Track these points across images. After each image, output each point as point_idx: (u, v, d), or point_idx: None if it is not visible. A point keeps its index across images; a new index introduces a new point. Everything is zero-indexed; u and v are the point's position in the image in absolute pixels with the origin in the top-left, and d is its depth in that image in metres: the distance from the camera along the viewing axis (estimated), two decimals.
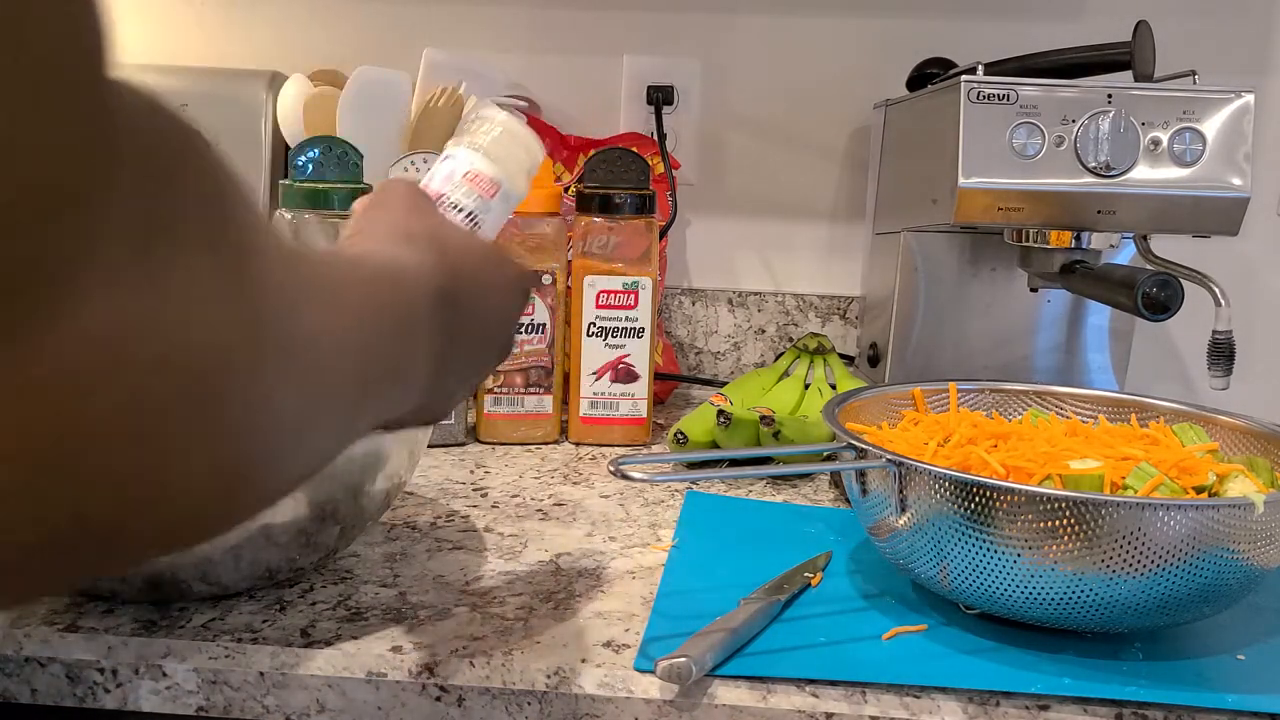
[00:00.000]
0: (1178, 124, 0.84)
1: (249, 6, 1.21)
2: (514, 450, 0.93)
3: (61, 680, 0.56)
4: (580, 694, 0.54)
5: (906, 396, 0.76)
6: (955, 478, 0.56)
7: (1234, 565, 0.55)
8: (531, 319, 0.93)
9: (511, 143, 0.58)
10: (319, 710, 0.55)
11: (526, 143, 0.59)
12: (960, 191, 0.83)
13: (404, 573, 0.66)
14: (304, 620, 0.59)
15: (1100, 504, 0.53)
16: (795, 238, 1.22)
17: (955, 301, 0.98)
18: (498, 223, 0.59)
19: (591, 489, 0.84)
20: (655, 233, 0.94)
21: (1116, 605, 0.55)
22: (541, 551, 0.70)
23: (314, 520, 0.59)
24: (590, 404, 0.94)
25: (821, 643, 0.58)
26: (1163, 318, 0.79)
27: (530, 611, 0.61)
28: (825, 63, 1.18)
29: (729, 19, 1.18)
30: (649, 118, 1.17)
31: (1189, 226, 0.86)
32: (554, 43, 1.20)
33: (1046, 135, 0.84)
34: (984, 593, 0.57)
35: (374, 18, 1.20)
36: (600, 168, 0.94)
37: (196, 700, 0.56)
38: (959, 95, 0.83)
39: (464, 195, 0.57)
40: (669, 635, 0.57)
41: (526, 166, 0.59)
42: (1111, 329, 1.00)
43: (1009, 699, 0.54)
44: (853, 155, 1.20)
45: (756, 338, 1.22)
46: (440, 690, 0.55)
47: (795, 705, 0.53)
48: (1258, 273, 1.17)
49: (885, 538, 0.62)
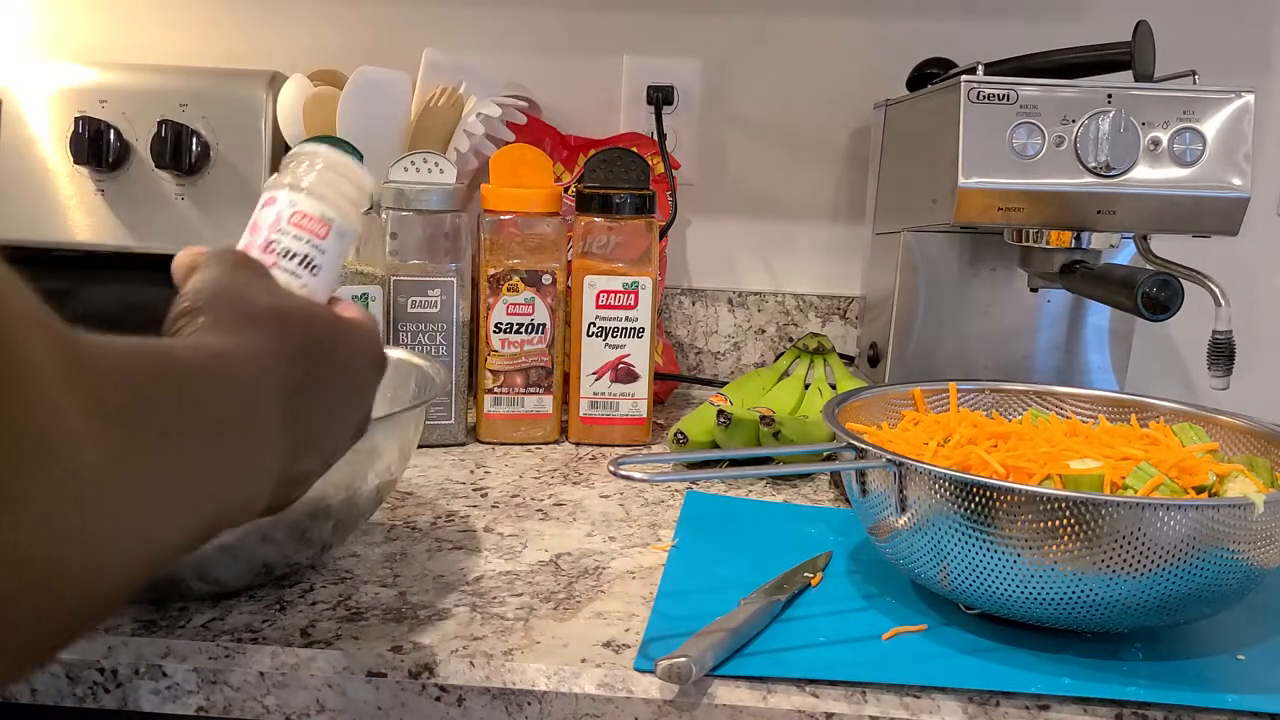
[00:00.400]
0: (1178, 124, 0.84)
1: (249, 6, 1.21)
2: (514, 450, 0.93)
3: (61, 680, 0.56)
4: (580, 694, 0.54)
5: (906, 396, 0.76)
6: (955, 478, 0.56)
7: (1234, 565, 0.55)
8: (531, 319, 0.93)
9: (335, 177, 0.54)
10: (319, 710, 0.55)
11: (351, 174, 0.54)
12: (960, 191, 0.83)
13: (404, 573, 0.66)
14: (304, 620, 0.59)
15: (1100, 504, 0.53)
16: (795, 238, 1.22)
17: (955, 301, 0.98)
18: (336, 264, 0.54)
19: (591, 489, 0.84)
20: (655, 233, 0.94)
21: (1116, 605, 0.55)
22: (541, 551, 0.70)
23: (307, 516, 0.59)
24: (590, 404, 0.94)
25: (821, 643, 0.58)
26: (1163, 318, 0.79)
27: (530, 611, 0.61)
28: (825, 63, 1.18)
29: (729, 19, 1.18)
30: (649, 118, 1.17)
31: (1189, 226, 0.86)
32: (554, 43, 1.20)
33: (1046, 135, 0.84)
34: (984, 593, 0.57)
35: (374, 18, 1.20)
36: (600, 168, 0.94)
37: (196, 700, 0.56)
38: (959, 95, 0.83)
39: (294, 240, 0.52)
40: (669, 635, 0.57)
41: (355, 199, 0.54)
42: (1111, 329, 1.00)
43: (1009, 699, 0.54)
44: (853, 155, 1.20)
45: (756, 338, 1.22)
46: (440, 690, 0.55)
47: (795, 705, 0.53)
48: (1258, 273, 1.17)
49: (885, 538, 0.62)
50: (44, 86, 1.04)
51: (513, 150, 0.94)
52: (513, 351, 0.93)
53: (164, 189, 1.03)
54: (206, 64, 1.21)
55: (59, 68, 1.06)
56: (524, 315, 0.92)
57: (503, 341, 0.92)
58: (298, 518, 0.58)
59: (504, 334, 0.92)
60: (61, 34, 1.22)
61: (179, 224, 1.03)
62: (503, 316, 0.92)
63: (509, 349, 0.93)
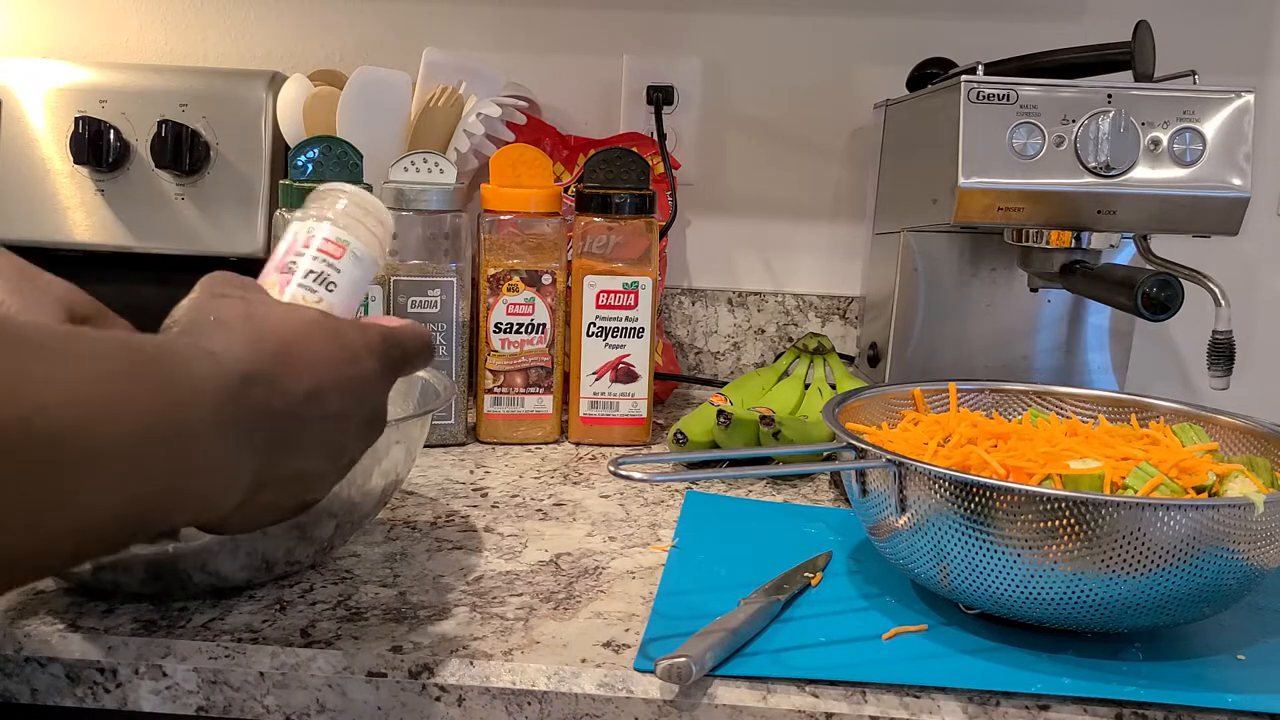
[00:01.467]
0: (1178, 124, 0.84)
1: (249, 6, 1.21)
2: (514, 450, 0.93)
3: (61, 680, 0.56)
4: (580, 694, 0.54)
5: (906, 396, 0.76)
6: (955, 478, 0.56)
7: (1234, 565, 0.55)
8: (531, 319, 0.93)
9: (359, 211, 0.56)
10: (319, 710, 0.55)
11: (375, 211, 0.57)
12: (960, 191, 0.83)
13: (404, 573, 0.66)
14: (304, 620, 0.59)
15: (1100, 504, 0.53)
16: (795, 238, 1.22)
17: (955, 301, 0.98)
18: (353, 287, 0.56)
19: (591, 489, 0.84)
20: (655, 233, 0.94)
21: (1116, 605, 0.55)
22: (541, 551, 0.70)
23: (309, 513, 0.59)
24: (590, 404, 0.94)
25: (821, 643, 0.58)
26: (1163, 318, 0.79)
27: (530, 611, 0.61)
28: (825, 63, 1.18)
29: (729, 19, 1.18)
30: (649, 118, 1.17)
31: (1189, 226, 0.86)
32: (554, 43, 1.20)
33: (1046, 135, 0.84)
34: (984, 593, 0.57)
35: (374, 18, 1.20)
36: (600, 168, 0.94)
37: (196, 700, 0.56)
38: (959, 95, 0.83)
39: (310, 260, 0.54)
40: (669, 635, 0.58)
41: (378, 233, 0.57)
42: (1111, 329, 1.00)
43: (1009, 699, 0.54)
44: (853, 155, 1.20)
45: (756, 338, 1.22)
46: (440, 690, 0.55)
47: (795, 705, 0.53)
48: (1258, 273, 1.17)
49: (885, 538, 0.62)
50: (44, 86, 1.04)
51: (513, 150, 0.94)
52: (513, 351, 0.93)
53: (164, 189, 1.04)
54: (207, 64, 1.21)
55: (59, 68, 1.06)
56: (524, 315, 0.92)
57: (503, 341, 0.92)
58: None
59: (504, 334, 0.92)
60: (61, 34, 1.22)
61: (179, 224, 1.04)
62: (503, 316, 0.92)
63: (509, 349, 0.93)
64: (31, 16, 1.22)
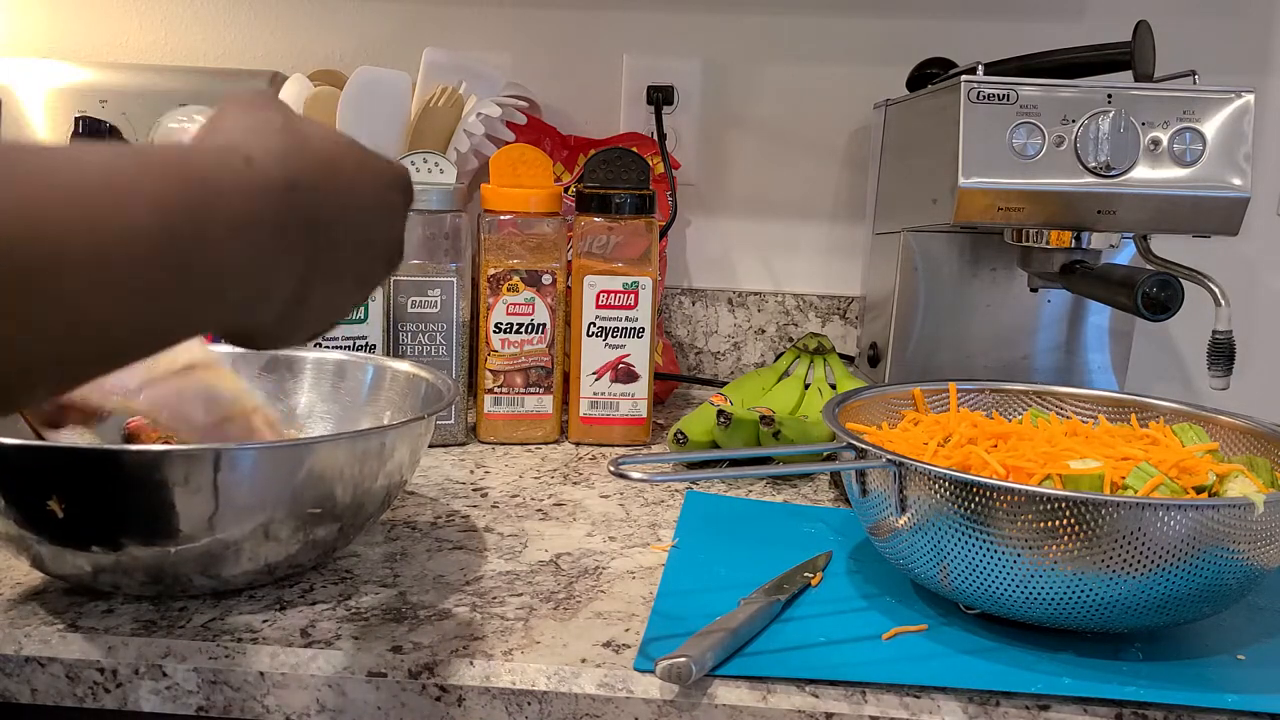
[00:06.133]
0: (1178, 124, 0.84)
1: (249, 6, 1.21)
2: (514, 450, 0.93)
3: (61, 680, 0.56)
4: (580, 694, 0.54)
5: (906, 396, 0.76)
6: (955, 478, 0.56)
7: (1234, 565, 0.55)
8: (531, 319, 0.93)
9: None
10: (319, 710, 0.55)
11: None
12: (960, 191, 0.83)
13: (404, 573, 0.66)
14: (304, 620, 0.59)
15: (1100, 504, 0.53)
16: (795, 238, 1.22)
17: (955, 301, 0.98)
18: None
19: (591, 489, 0.84)
20: (655, 233, 0.94)
21: (1116, 605, 0.55)
22: (541, 551, 0.70)
23: (313, 517, 0.59)
24: (590, 404, 0.94)
25: (821, 643, 0.58)
26: (1163, 318, 0.79)
27: (530, 611, 0.61)
28: (825, 63, 1.18)
29: (729, 19, 1.18)
30: (649, 118, 1.17)
31: (1189, 226, 0.86)
32: (554, 43, 1.20)
33: (1046, 135, 0.84)
34: (984, 593, 0.57)
35: (374, 18, 1.20)
36: (600, 168, 0.94)
37: (196, 700, 0.56)
38: (959, 95, 0.83)
39: None
40: (669, 635, 0.58)
41: None
42: (1111, 329, 1.00)
43: (1009, 699, 0.54)
44: (853, 155, 1.20)
45: (756, 338, 1.22)
46: (440, 690, 0.55)
47: (795, 705, 0.53)
48: (1258, 273, 1.17)
49: (885, 538, 0.62)
50: (44, 86, 1.05)
51: (513, 150, 0.94)
52: (513, 351, 0.93)
53: None
54: (206, 64, 1.21)
55: (59, 67, 1.06)
56: (524, 315, 0.92)
57: (503, 341, 0.92)
58: (302, 518, 0.58)
59: (504, 334, 0.92)
60: (61, 34, 1.22)
61: None
62: (503, 316, 0.92)
63: (509, 349, 0.93)
64: (31, 16, 1.22)
